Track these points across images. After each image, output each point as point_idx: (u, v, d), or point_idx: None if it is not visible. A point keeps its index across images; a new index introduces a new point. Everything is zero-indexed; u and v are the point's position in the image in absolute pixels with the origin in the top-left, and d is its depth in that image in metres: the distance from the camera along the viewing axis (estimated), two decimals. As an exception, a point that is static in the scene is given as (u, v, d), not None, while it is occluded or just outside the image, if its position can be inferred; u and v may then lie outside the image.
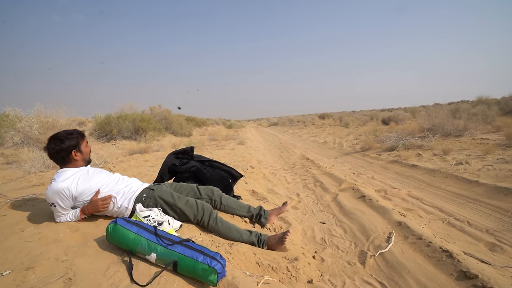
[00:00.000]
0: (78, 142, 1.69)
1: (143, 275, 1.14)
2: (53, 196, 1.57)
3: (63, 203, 1.60)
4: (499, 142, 4.75)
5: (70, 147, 1.66)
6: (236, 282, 1.16)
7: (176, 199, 1.71)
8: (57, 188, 1.58)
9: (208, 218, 1.67)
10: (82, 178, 1.66)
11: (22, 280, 1.07)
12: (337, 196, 2.93)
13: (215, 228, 1.67)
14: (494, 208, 2.36)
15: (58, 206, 1.59)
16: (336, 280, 1.51)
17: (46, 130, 5.11)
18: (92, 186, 1.66)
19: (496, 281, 1.29)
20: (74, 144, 1.67)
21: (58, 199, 1.58)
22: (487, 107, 8.74)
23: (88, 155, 1.78)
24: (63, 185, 1.59)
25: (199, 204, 1.71)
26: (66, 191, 1.59)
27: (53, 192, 1.57)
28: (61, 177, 1.62)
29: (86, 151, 1.75)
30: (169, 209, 1.70)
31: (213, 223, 1.67)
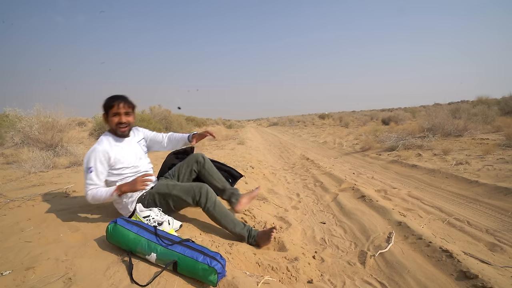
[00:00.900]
0: (108, 107, 1.64)
1: (143, 275, 1.14)
2: (93, 158, 1.55)
3: (101, 168, 1.56)
4: (499, 142, 4.75)
5: (104, 107, 1.65)
6: (236, 282, 1.16)
7: (171, 188, 1.68)
8: (98, 149, 1.56)
9: (205, 200, 1.61)
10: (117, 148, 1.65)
11: (22, 280, 1.07)
12: (337, 196, 2.93)
13: (211, 213, 1.63)
14: (494, 208, 2.36)
15: (95, 171, 1.55)
16: (336, 280, 1.51)
17: (46, 130, 5.11)
18: (126, 159, 1.65)
19: (496, 281, 1.29)
20: (104, 105, 1.65)
21: (98, 162, 1.55)
22: (487, 107, 8.73)
23: (116, 126, 1.66)
24: (104, 147, 1.59)
25: (195, 186, 1.65)
26: (105, 154, 1.58)
27: (94, 154, 1.55)
28: (100, 142, 1.63)
29: (112, 122, 1.65)
30: (169, 200, 1.67)
31: (210, 207, 1.62)
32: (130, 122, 1.69)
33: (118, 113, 1.63)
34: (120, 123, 1.64)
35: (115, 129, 1.66)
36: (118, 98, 1.63)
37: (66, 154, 4.89)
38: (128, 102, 1.67)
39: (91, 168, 1.55)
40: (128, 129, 1.71)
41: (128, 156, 1.70)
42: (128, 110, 1.67)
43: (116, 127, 1.65)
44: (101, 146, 1.60)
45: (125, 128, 1.68)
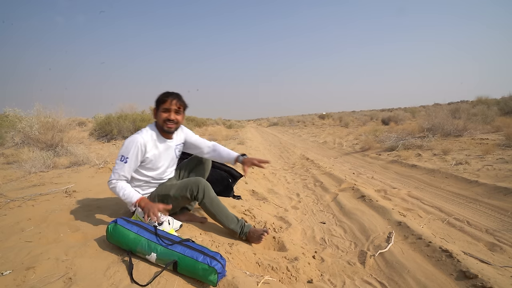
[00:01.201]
0: (160, 101, 1.61)
1: (143, 275, 1.14)
2: (132, 149, 1.53)
3: (134, 161, 1.55)
4: (499, 142, 4.75)
5: (156, 101, 1.63)
6: (236, 282, 1.16)
7: (169, 188, 1.67)
8: (139, 142, 1.55)
9: (202, 196, 1.60)
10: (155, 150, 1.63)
11: (22, 280, 1.07)
12: (337, 196, 2.94)
13: (207, 207, 1.62)
14: (493, 208, 2.36)
15: (129, 163, 1.53)
16: (336, 280, 1.51)
17: (46, 130, 5.11)
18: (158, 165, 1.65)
19: (496, 281, 1.30)
20: (156, 99, 1.63)
21: (135, 155, 1.54)
22: (487, 107, 8.74)
23: (163, 122, 1.61)
24: (145, 141, 1.57)
25: (193, 182, 1.62)
26: (143, 148, 1.56)
27: (135, 145, 1.53)
28: (143, 133, 1.60)
29: (160, 117, 1.61)
30: (168, 201, 1.65)
31: (207, 202, 1.61)
32: (178, 121, 1.65)
33: (168, 109, 1.60)
34: (168, 119, 1.61)
35: (162, 125, 1.62)
36: (171, 95, 1.62)
37: (66, 154, 4.89)
38: (181, 100, 1.64)
39: (127, 158, 1.54)
40: (175, 127, 1.66)
41: (161, 162, 1.69)
42: (179, 108, 1.64)
43: (164, 123, 1.62)
44: (143, 139, 1.58)
45: (172, 126, 1.63)
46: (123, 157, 1.54)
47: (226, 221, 1.63)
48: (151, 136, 1.63)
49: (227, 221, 1.64)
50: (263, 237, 1.64)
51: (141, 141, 1.56)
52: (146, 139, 1.59)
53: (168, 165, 1.76)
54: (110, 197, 2.27)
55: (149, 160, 1.62)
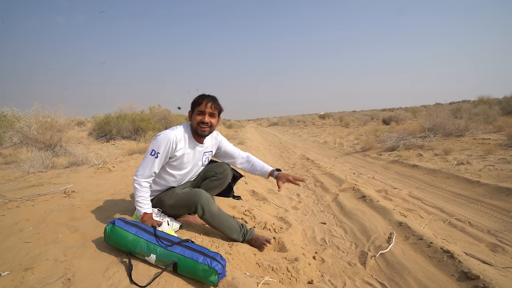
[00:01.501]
0: (195, 103, 1.62)
1: (142, 276, 1.13)
2: (164, 144, 1.53)
3: (164, 157, 1.55)
4: (501, 142, 4.74)
5: (192, 104, 1.64)
6: (236, 282, 1.15)
7: (169, 196, 1.65)
8: (172, 138, 1.54)
9: (202, 212, 1.56)
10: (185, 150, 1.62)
11: (20, 281, 1.06)
12: (337, 197, 2.93)
13: (208, 221, 1.60)
14: (495, 208, 2.35)
15: (159, 158, 1.53)
16: (336, 280, 1.50)
17: (45, 130, 5.10)
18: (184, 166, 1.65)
19: (498, 282, 1.28)
20: (192, 102, 1.63)
21: (166, 151, 1.54)
22: (489, 107, 8.72)
23: (197, 124, 1.60)
24: (178, 138, 1.57)
25: (192, 198, 1.58)
26: (174, 144, 1.56)
27: (167, 141, 1.53)
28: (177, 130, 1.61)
29: (195, 119, 1.60)
30: (168, 208, 1.66)
31: (208, 218, 1.58)
32: (212, 124, 1.64)
33: (203, 111, 1.59)
34: (202, 122, 1.60)
35: (196, 128, 1.62)
36: (207, 97, 1.61)
37: (65, 154, 4.89)
38: (216, 104, 1.63)
39: (158, 153, 1.53)
40: (209, 131, 1.64)
41: (187, 164, 1.68)
42: (214, 112, 1.62)
43: (198, 125, 1.61)
44: (176, 136, 1.57)
45: (206, 129, 1.62)
46: (154, 152, 1.53)
47: (229, 232, 1.62)
48: (184, 135, 1.62)
49: (229, 232, 1.62)
50: (264, 247, 1.63)
51: (174, 138, 1.56)
52: (179, 137, 1.59)
53: (191, 169, 1.74)
54: (109, 197, 2.26)
55: (176, 158, 1.61)
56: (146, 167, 1.54)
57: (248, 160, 1.94)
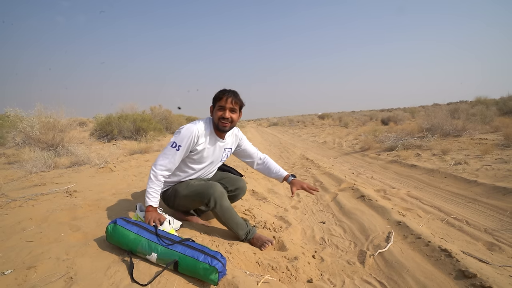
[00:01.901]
0: (216, 98, 1.60)
1: (143, 275, 1.15)
2: (187, 137, 1.54)
3: (185, 150, 1.56)
4: (498, 142, 4.76)
5: (213, 99, 1.62)
6: (236, 281, 1.17)
7: (184, 187, 1.64)
8: (194, 132, 1.55)
9: (214, 204, 1.56)
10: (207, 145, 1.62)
11: (23, 279, 1.08)
12: (336, 196, 2.94)
13: (218, 215, 1.60)
14: (492, 207, 2.37)
15: (180, 149, 1.54)
16: (335, 279, 1.52)
17: (47, 130, 5.12)
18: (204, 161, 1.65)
19: (495, 280, 1.30)
20: (214, 97, 1.62)
21: (187, 144, 1.55)
22: (486, 108, 8.75)
23: (218, 120, 1.59)
24: (201, 133, 1.57)
25: (205, 189, 1.57)
26: (195, 138, 1.57)
27: (190, 134, 1.54)
28: (200, 125, 1.60)
29: (216, 115, 1.59)
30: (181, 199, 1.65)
31: (218, 211, 1.58)
32: (233, 119, 1.62)
33: (223, 107, 1.58)
34: (223, 117, 1.58)
35: (217, 123, 1.61)
36: (228, 92, 1.59)
37: (67, 154, 4.90)
38: (237, 98, 1.61)
39: (179, 146, 1.54)
40: (229, 126, 1.63)
41: (207, 159, 1.69)
42: (235, 107, 1.60)
43: (218, 121, 1.60)
44: (198, 130, 1.58)
45: (227, 124, 1.61)
46: (176, 144, 1.54)
47: (235, 228, 1.63)
48: (206, 130, 1.62)
49: (236, 228, 1.63)
50: (266, 246, 1.65)
51: (196, 132, 1.56)
52: (201, 131, 1.59)
53: (210, 164, 1.73)
54: (111, 196, 2.28)
55: (196, 152, 1.61)
56: (166, 159, 1.54)
57: (264, 162, 1.95)
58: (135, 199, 2.24)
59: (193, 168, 1.69)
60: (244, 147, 1.89)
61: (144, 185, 2.74)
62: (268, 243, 1.66)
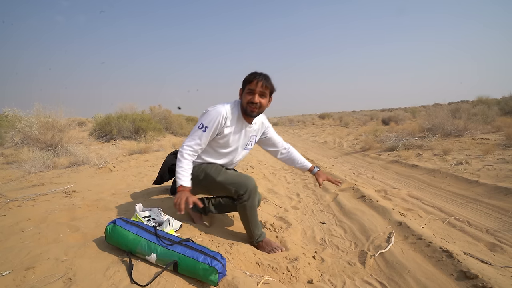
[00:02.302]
0: (246, 81, 1.52)
1: (143, 275, 1.14)
2: (214, 118, 1.48)
3: (213, 132, 1.50)
4: (499, 142, 4.75)
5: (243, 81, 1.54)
6: (236, 282, 1.16)
7: (218, 172, 1.58)
8: (222, 113, 1.49)
9: (247, 198, 1.52)
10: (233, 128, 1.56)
11: (22, 280, 1.07)
12: (337, 196, 2.93)
13: (244, 210, 1.56)
14: (494, 208, 2.36)
15: (207, 132, 1.49)
16: (336, 280, 1.51)
17: (46, 130, 5.12)
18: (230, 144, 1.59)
19: (496, 281, 1.29)
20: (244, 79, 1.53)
21: (215, 125, 1.49)
22: (487, 107, 8.74)
23: (246, 104, 1.52)
24: (228, 114, 1.51)
25: (243, 180, 1.55)
26: (223, 120, 1.51)
27: (217, 115, 1.49)
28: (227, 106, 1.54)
29: (245, 98, 1.52)
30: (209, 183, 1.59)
31: (247, 206, 1.54)
32: (262, 105, 1.54)
33: (253, 90, 1.50)
34: (252, 102, 1.51)
35: (246, 107, 1.54)
36: (259, 76, 1.50)
37: (66, 154, 4.90)
38: (268, 83, 1.53)
39: (206, 127, 1.49)
40: (258, 111, 1.55)
41: (234, 143, 1.62)
42: (265, 91, 1.52)
43: (247, 105, 1.53)
44: (226, 112, 1.52)
45: (255, 109, 1.53)
46: (203, 125, 1.49)
47: (254, 227, 1.61)
48: (233, 112, 1.56)
49: (254, 227, 1.61)
50: (275, 251, 1.64)
51: (224, 113, 1.51)
52: (229, 113, 1.53)
53: (236, 150, 1.66)
54: (110, 197, 2.27)
55: (223, 135, 1.56)
56: (192, 140, 1.51)
57: (289, 152, 1.88)
58: (134, 199, 2.23)
59: (219, 152, 1.62)
60: (269, 136, 1.82)
61: (143, 186, 2.74)
62: (278, 249, 1.65)
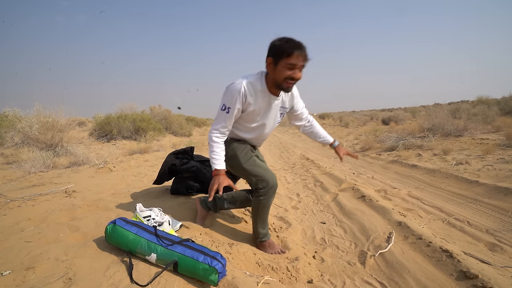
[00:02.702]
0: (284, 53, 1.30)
1: (143, 275, 1.14)
2: (233, 95, 1.38)
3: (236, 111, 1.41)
4: (499, 142, 4.75)
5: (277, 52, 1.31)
6: (236, 282, 1.16)
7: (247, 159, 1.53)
8: (241, 91, 1.38)
9: (263, 194, 1.49)
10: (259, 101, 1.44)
11: (22, 280, 1.07)
12: (337, 196, 2.93)
13: (257, 205, 1.54)
14: (494, 208, 2.36)
15: (230, 111, 1.41)
16: (336, 280, 1.51)
17: (46, 130, 5.12)
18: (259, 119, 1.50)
19: (496, 281, 1.29)
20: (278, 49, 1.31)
21: (237, 103, 1.40)
22: (487, 107, 8.74)
23: (284, 80, 1.35)
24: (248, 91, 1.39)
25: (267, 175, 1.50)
26: (243, 97, 1.40)
27: (235, 91, 1.38)
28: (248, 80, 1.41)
29: (282, 73, 1.33)
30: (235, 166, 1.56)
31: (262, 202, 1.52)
32: (299, 79, 1.39)
33: (294, 65, 1.31)
34: (292, 78, 1.34)
35: (281, 82, 1.37)
36: (300, 48, 1.30)
37: (66, 154, 4.90)
38: (307, 54, 1.35)
39: (229, 108, 1.41)
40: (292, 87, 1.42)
41: (260, 118, 1.53)
42: (305, 64, 1.36)
43: (284, 80, 1.35)
44: (245, 87, 1.40)
45: (291, 86, 1.39)
46: (225, 106, 1.41)
47: (262, 224, 1.61)
48: (255, 86, 1.42)
49: (262, 224, 1.61)
50: (278, 253, 1.64)
51: (242, 90, 1.39)
52: (249, 89, 1.41)
53: (265, 123, 1.56)
54: (110, 197, 2.27)
55: (247, 112, 1.48)
56: (218, 123, 1.45)
57: (312, 125, 1.80)
58: (134, 199, 2.23)
59: (247, 126, 1.55)
60: (297, 107, 1.70)
61: (143, 186, 2.74)
62: (281, 253, 1.65)
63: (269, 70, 1.40)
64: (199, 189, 2.31)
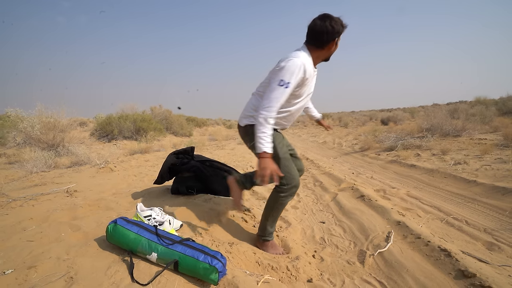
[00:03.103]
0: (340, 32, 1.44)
1: (144, 274, 1.15)
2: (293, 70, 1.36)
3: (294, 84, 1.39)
4: (497, 142, 4.76)
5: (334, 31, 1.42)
6: (236, 281, 1.17)
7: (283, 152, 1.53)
8: (300, 63, 1.37)
9: (284, 191, 1.50)
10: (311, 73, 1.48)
11: (24, 279, 1.08)
12: (336, 196, 2.95)
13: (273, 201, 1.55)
14: (492, 207, 2.37)
15: (289, 86, 1.37)
16: (335, 279, 1.52)
17: (47, 130, 5.14)
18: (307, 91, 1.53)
19: (494, 279, 1.31)
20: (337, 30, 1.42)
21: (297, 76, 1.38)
22: (485, 108, 8.76)
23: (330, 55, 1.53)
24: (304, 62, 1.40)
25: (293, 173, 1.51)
26: (302, 73, 1.40)
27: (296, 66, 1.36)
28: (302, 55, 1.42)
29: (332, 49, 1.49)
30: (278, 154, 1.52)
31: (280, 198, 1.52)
32: None
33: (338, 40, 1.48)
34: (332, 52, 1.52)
35: (328, 56, 1.52)
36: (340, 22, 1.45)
37: (67, 154, 4.91)
38: None
39: (288, 83, 1.36)
40: None
41: (307, 91, 1.55)
42: None
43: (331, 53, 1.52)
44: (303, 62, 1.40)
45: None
46: (284, 82, 1.35)
47: (271, 223, 1.62)
48: (308, 61, 1.45)
49: (271, 223, 1.62)
50: (278, 254, 1.65)
51: (302, 65, 1.39)
52: (307, 64, 1.43)
53: (308, 96, 1.61)
54: (111, 196, 2.28)
55: (300, 87, 1.47)
56: (276, 101, 1.36)
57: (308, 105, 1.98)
58: (135, 199, 2.24)
59: (292, 102, 1.54)
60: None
61: (144, 185, 2.75)
62: (282, 253, 1.66)
63: (331, 48, 1.50)
64: (199, 188, 2.32)
